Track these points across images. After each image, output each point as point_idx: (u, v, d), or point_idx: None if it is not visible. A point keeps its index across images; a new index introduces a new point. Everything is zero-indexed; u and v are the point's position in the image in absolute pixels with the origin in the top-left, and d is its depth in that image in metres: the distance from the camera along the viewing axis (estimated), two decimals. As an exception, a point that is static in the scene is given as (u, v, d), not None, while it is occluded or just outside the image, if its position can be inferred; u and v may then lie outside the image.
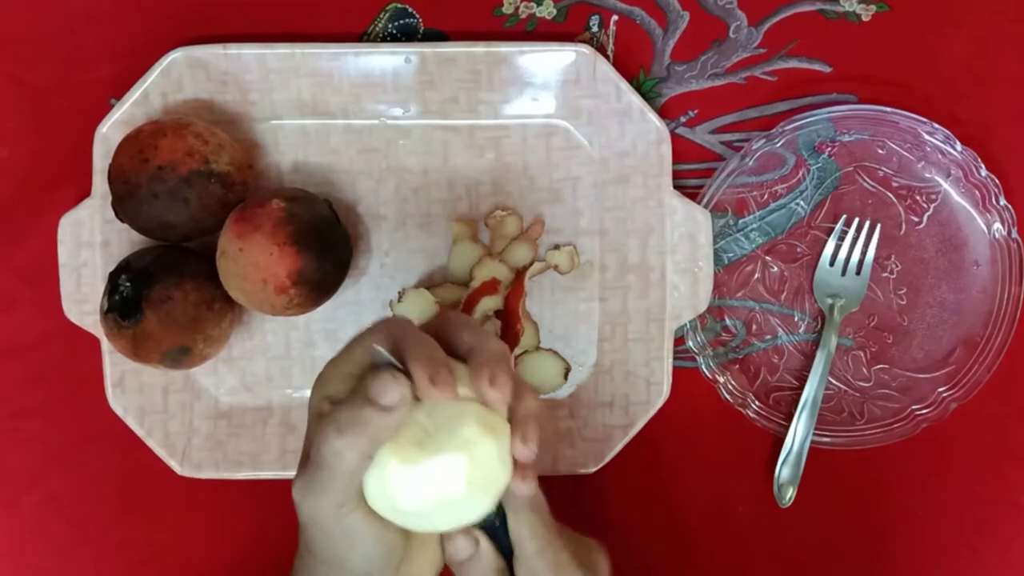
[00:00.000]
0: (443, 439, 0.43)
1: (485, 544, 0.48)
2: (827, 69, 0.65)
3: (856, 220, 0.64)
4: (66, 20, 0.64)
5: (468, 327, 0.47)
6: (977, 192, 0.63)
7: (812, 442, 0.63)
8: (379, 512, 0.45)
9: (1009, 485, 0.65)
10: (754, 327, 0.65)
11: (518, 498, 0.46)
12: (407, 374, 0.43)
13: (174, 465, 0.62)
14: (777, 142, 0.63)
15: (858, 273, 0.64)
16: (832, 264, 0.64)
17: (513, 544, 0.47)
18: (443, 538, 0.48)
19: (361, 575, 0.46)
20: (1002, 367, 0.63)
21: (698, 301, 0.62)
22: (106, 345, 0.62)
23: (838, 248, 0.64)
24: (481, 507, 0.44)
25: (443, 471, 0.43)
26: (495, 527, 0.48)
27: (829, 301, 0.64)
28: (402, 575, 0.47)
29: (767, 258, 0.65)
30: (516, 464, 0.45)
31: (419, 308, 0.62)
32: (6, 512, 0.65)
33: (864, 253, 0.64)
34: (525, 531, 0.47)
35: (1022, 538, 0.65)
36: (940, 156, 0.63)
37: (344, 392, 0.45)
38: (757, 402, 0.64)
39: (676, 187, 0.63)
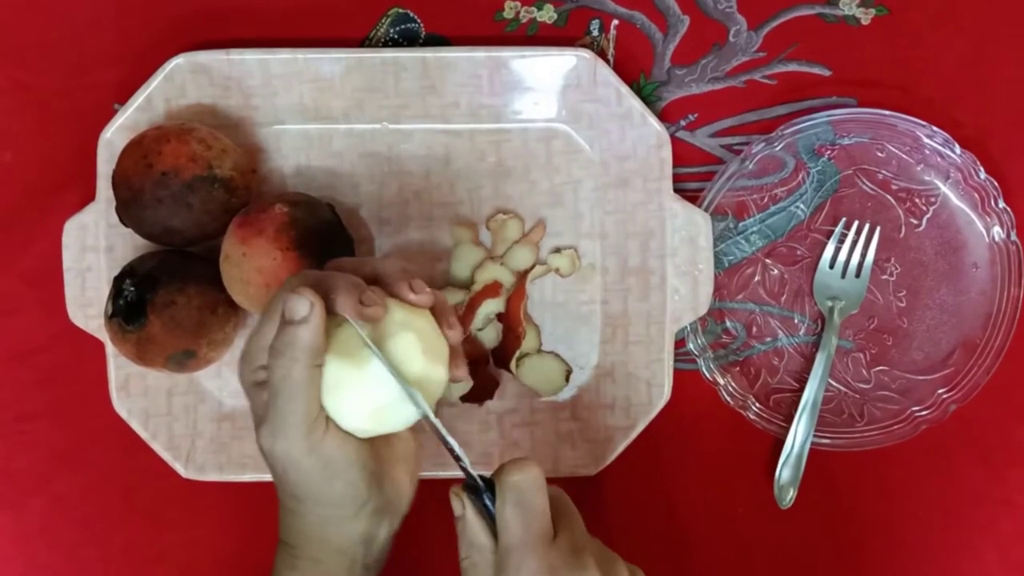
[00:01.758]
0: (383, 332, 0.47)
1: (471, 515, 0.48)
2: (826, 72, 0.65)
3: (856, 223, 0.64)
4: (70, 26, 0.65)
5: (362, 263, 0.49)
6: (976, 195, 0.64)
7: (812, 444, 0.64)
8: (352, 431, 0.47)
9: (1009, 486, 0.65)
10: (754, 329, 0.65)
11: (504, 484, 0.47)
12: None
13: (178, 468, 0.63)
14: (777, 145, 0.63)
15: (857, 276, 0.64)
16: (832, 267, 0.64)
17: (497, 526, 0.47)
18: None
19: (348, 502, 0.48)
20: (1001, 369, 0.64)
21: (698, 304, 0.63)
22: (111, 348, 0.62)
23: (838, 251, 0.64)
24: (439, 376, 0.48)
25: (397, 353, 0.46)
26: (489, 511, 0.48)
27: (829, 303, 0.64)
28: (386, 493, 0.49)
29: (767, 261, 0.65)
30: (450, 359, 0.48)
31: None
32: (13, 514, 0.65)
33: (864, 256, 0.64)
34: (504, 520, 0.47)
35: (1021, 538, 0.65)
36: (939, 159, 0.64)
37: None
38: (757, 404, 0.64)
39: (676, 190, 0.63)
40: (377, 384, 0.46)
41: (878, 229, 0.64)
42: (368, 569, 0.51)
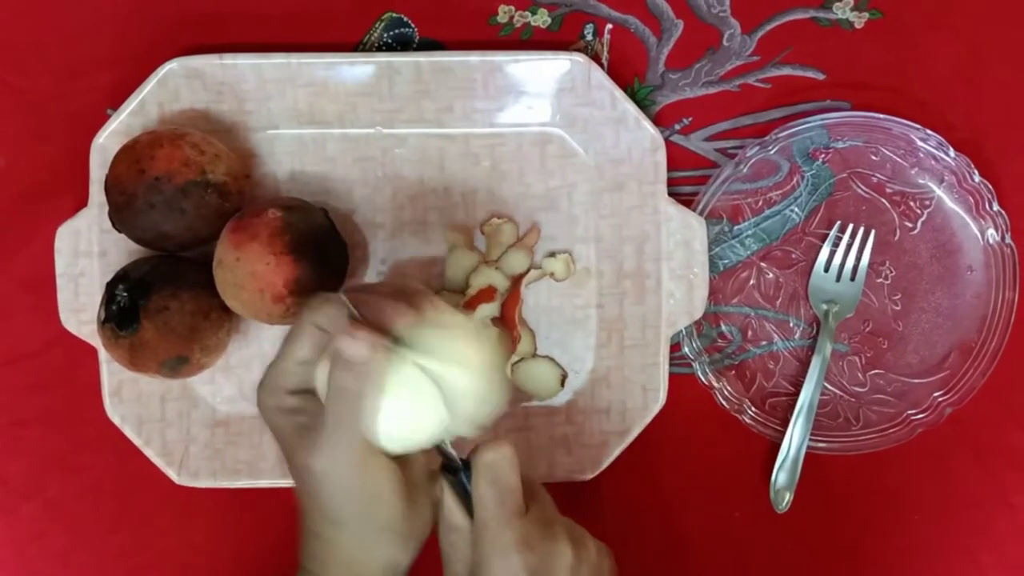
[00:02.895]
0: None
1: (449, 498, 0.50)
2: (820, 76, 0.65)
3: (850, 226, 0.64)
4: (63, 30, 0.65)
5: (385, 288, 0.50)
6: (970, 198, 0.64)
7: (808, 447, 0.63)
8: (389, 449, 0.48)
9: (1004, 488, 0.65)
10: (749, 333, 0.65)
11: (478, 463, 0.49)
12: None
13: (172, 474, 0.63)
14: (771, 149, 0.63)
15: (852, 279, 0.64)
16: (827, 270, 0.64)
17: (473, 505, 0.50)
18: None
19: (387, 527, 0.49)
20: (997, 372, 0.64)
21: (694, 307, 0.63)
22: (103, 354, 0.62)
23: (832, 254, 0.64)
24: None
25: (446, 375, 0.47)
26: (464, 488, 0.50)
27: (824, 307, 0.64)
28: (413, 519, 0.50)
29: (762, 264, 0.65)
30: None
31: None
32: (7, 519, 0.65)
33: (859, 259, 0.64)
34: (479, 495, 0.49)
35: (1017, 540, 0.66)
36: (933, 162, 0.64)
37: (302, 382, 0.49)
38: (753, 408, 0.64)
39: (671, 194, 0.63)
40: (422, 414, 0.48)
41: (872, 232, 0.64)
42: None
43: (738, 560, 0.66)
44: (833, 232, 0.64)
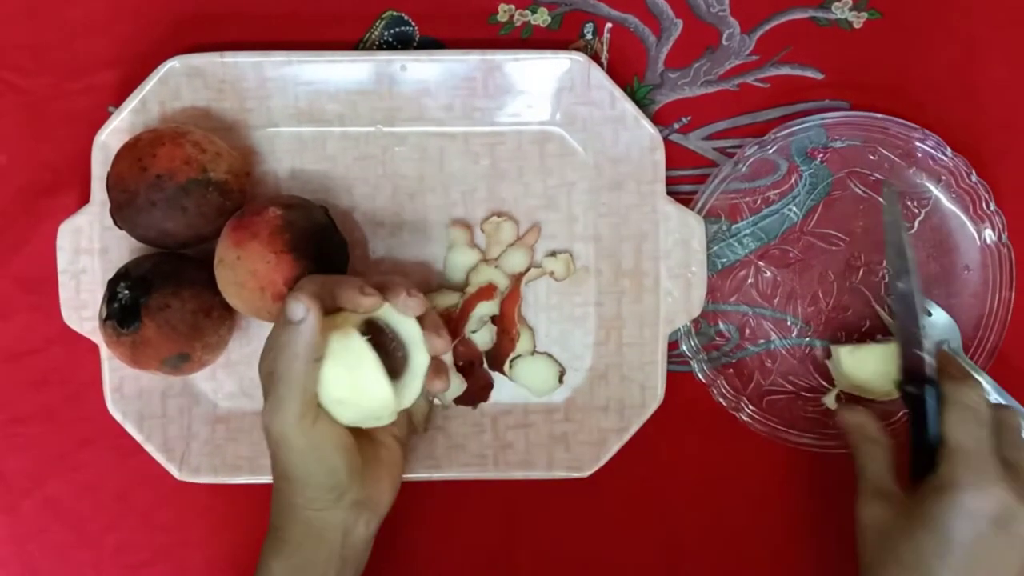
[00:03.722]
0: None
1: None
2: (819, 76, 0.65)
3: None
4: (65, 28, 0.65)
5: (368, 279, 0.54)
6: (968, 198, 0.64)
7: (808, 446, 0.64)
8: (343, 422, 0.53)
9: (1000, 487, 0.66)
10: (747, 331, 0.66)
11: (957, 397, 0.54)
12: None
13: (173, 470, 0.63)
14: (770, 148, 0.64)
15: (930, 314, 0.64)
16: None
17: (942, 431, 0.54)
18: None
19: (330, 486, 0.53)
20: (993, 370, 0.64)
21: (692, 306, 0.63)
22: (105, 351, 0.62)
23: None
24: (421, 360, 0.54)
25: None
26: (924, 405, 0.56)
27: (942, 347, 0.63)
28: (367, 490, 0.55)
29: (760, 263, 0.65)
30: (433, 361, 0.55)
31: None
32: (7, 516, 0.65)
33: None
34: (957, 425, 0.54)
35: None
36: (931, 162, 0.64)
37: None
38: (751, 406, 0.65)
39: (670, 193, 0.63)
40: (364, 383, 0.52)
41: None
42: (346, 561, 0.55)
43: (734, 557, 0.66)
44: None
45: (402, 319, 0.54)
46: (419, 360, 0.54)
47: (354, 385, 0.52)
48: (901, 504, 0.55)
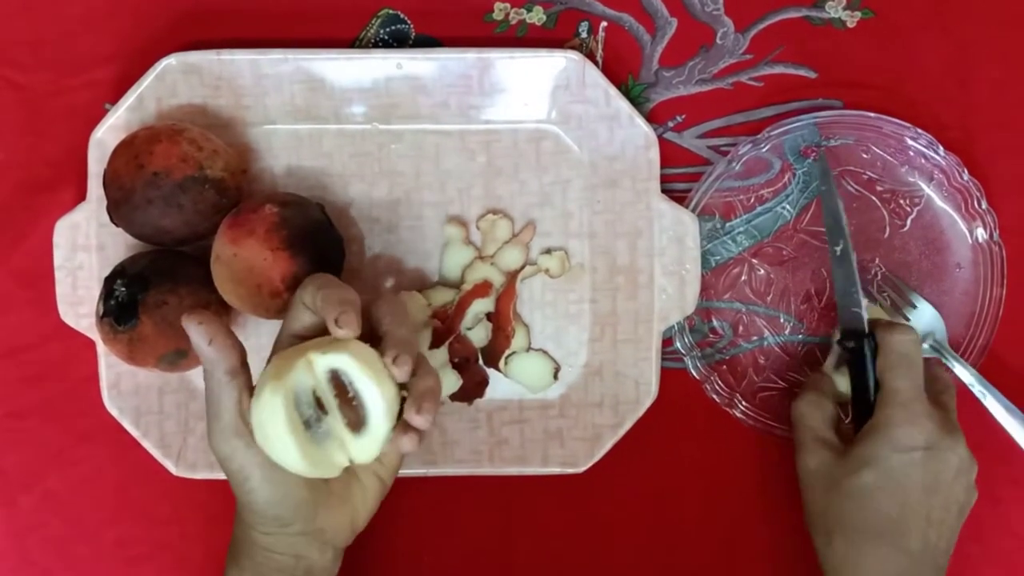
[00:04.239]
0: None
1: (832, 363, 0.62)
2: (812, 75, 0.65)
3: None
4: (61, 25, 0.65)
5: (391, 313, 0.52)
6: (960, 196, 0.64)
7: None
8: (288, 468, 0.50)
9: (991, 481, 0.66)
10: (741, 328, 0.66)
11: (891, 344, 0.58)
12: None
13: (169, 465, 0.63)
14: (763, 147, 0.64)
15: (915, 306, 0.65)
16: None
17: (878, 378, 0.58)
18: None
19: (266, 516, 0.52)
20: (984, 367, 0.64)
21: (686, 303, 0.63)
22: (102, 347, 0.62)
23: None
24: (382, 427, 0.49)
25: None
26: (863, 358, 0.59)
27: (930, 344, 0.64)
28: (319, 523, 0.53)
29: (753, 261, 0.66)
30: (410, 429, 0.50)
31: (412, 310, 0.63)
32: (4, 511, 0.66)
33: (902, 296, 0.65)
34: (890, 371, 0.58)
35: (1003, 533, 0.66)
36: (923, 161, 0.64)
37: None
38: (744, 402, 0.65)
39: (664, 191, 0.64)
40: (274, 443, 0.49)
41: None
42: None
43: (728, 552, 0.66)
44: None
45: (370, 383, 0.49)
46: (379, 426, 0.49)
47: (265, 438, 0.49)
48: (842, 450, 0.59)
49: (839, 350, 0.61)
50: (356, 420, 0.50)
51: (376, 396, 0.49)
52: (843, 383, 0.62)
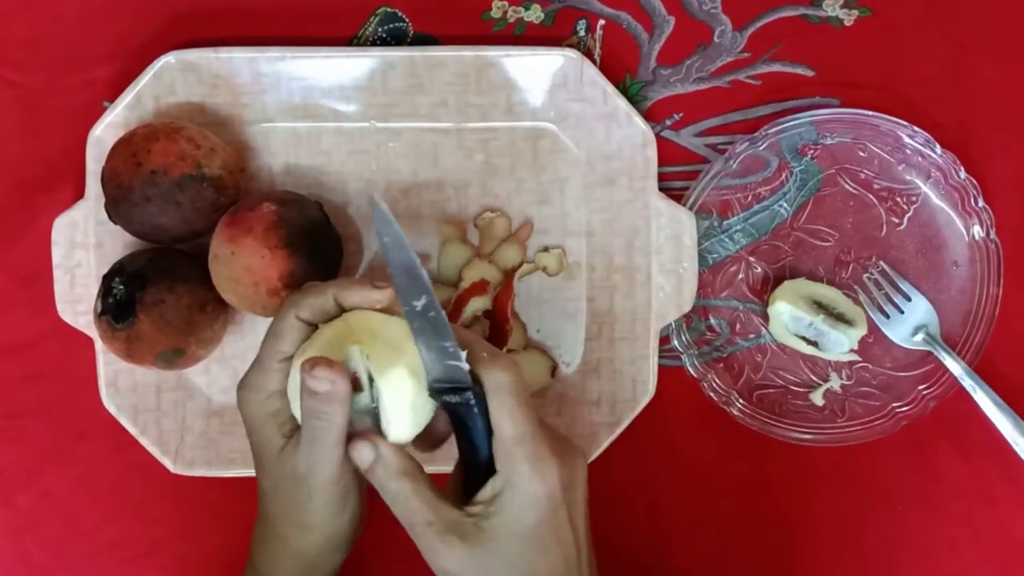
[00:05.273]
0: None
1: (385, 448, 0.49)
2: (810, 73, 0.66)
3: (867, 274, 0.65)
4: (59, 23, 0.65)
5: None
6: (956, 194, 0.64)
7: (794, 439, 0.65)
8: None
9: (986, 480, 0.66)
10: (738, 326, 0.66)
11: (498, 383, 0.49)
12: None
13: (167, 463, 0.63)
14: (760, 145, 0.64)
15: (909, 299, 0.65)
16: (888, 317, 0.65)
17: (492, 426, 0.49)
18: (348, 448, 0.49)
19: (346, 534, 0.53)
20: (980, 366, 0.65)
21: (683, 301, 0.64)
22: (100, 345, 0.62)
23: (875, 302, 0.65)
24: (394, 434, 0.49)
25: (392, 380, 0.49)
26: (471, 409, 0.49)
27: (921, 337, 0.65)
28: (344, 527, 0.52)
29: (751, 259, 0.66)
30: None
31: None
32: (1, 510, 0.66)
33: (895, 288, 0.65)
34: (504, 415, 0.49)
35: (999, 532, 0.66)
36: (920, 159, 0.64)
37: (283, 380, 0.51)
38: (741, 400, 0.65)
39: (661, 189, 0.64)
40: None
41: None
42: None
43: (724, 550, 0.66)
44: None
45: (398, 383, 0.48)
46: (391, 433, 0.49)
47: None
48: (473, 530, 0.49)
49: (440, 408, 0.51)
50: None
51: (402, 398, 0.49)
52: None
